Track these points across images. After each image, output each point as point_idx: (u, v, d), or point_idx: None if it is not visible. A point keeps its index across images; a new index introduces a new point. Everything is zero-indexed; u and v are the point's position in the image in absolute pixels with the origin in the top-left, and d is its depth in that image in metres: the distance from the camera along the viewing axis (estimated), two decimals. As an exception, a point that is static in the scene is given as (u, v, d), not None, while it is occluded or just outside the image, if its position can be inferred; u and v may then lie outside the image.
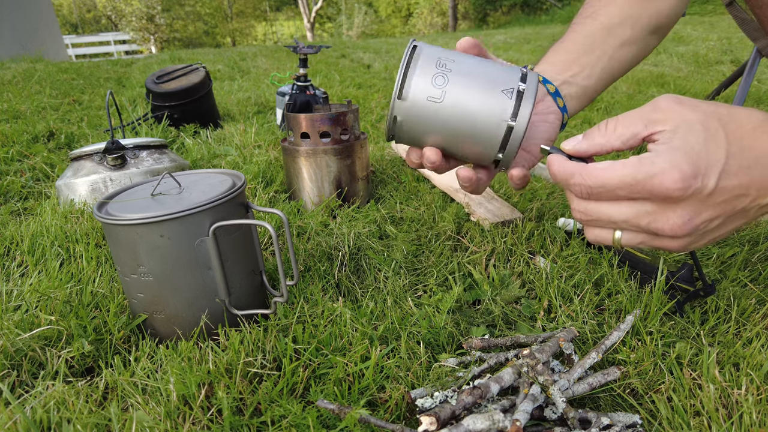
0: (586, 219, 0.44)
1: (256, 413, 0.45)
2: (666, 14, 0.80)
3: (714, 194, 0.40)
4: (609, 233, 0.45)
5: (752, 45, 1.51)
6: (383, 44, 5.27)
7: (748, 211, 0.43)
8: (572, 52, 0.75)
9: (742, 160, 0.41)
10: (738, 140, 0.41)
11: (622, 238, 0.44)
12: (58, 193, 0.95)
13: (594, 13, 0.78)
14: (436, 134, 0.51)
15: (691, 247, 0.44)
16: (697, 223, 0.41)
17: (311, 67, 3.15)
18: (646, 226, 0.42)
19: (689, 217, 0.41)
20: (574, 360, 0.49)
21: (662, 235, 0.42)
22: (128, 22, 21.09)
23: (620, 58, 0.78)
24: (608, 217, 0.43)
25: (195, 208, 0.49)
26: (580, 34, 0.77)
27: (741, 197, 0.41)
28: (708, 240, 0.43)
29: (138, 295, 0.52)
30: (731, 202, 0.41)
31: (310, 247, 0.75)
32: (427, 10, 22.41)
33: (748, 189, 0.41)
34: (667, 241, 0.43)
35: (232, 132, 1.49)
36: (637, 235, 0.44)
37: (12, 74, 2.78)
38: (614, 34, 0.77)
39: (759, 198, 0.42)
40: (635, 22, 0.78)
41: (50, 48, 6.73)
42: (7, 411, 0.42)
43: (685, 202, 0.40)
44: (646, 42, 0.81)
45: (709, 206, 0.41)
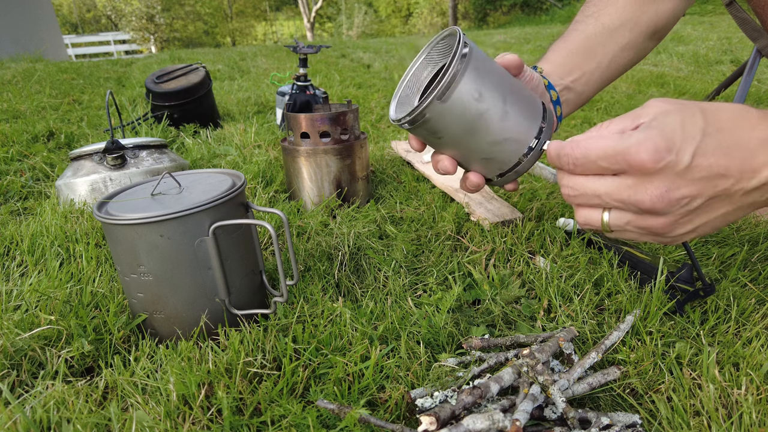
0: (573, 194, 0.46)
1: (256, 413, 0.45)
2: (665, 17, 0.81)
3: (690, 169, 0.41)
4: (597, 213, 0.46)
5: (752, 45, 1.51)
6: (383, 44, 5.27)
7: (732, 196, 0.43)
8: (574, 55, 0.75)
9: (720, 141, 0.41)
10: (716, 122, 0.42)
11: (610, 218, 0.45)
12: (57, 192, 0.95)
13: (596, 12, 0.79)
14: (458, 143, 0.50)
15: (679, 232, 0.45)
16: (676, 197, 0.41)
17: (311, 67, 3.15)
18: (628, 198, 0.43)
19: (666, 189, 0.41)
20: (574, 360, 0.49)
21: (645, 211, 0.43)
22: (128, 22, 21.08)
23: (618, 63, 0.79)
24: (593, 190, 0.45)
25: (195, 207, 0.49)
26: (582, 34, 0.77)
27: (721, 177, 0.42)
28: (695, 225, 0.44)
29: (138, 294, 0.52)
30: (711, 181, 0.42)
31: (310, 247, 0.75)
32: (427, 9, 22.41)
33: (728, 169, 0.41)
34: (652, 220, 0.44)
35: (231, 132, 1.49)
36: (622, 213, 0.45)
37: (12, 74, 2.78)
38: (614, 38, 0.78)
39: (742, 181, 0.42)
40: (634, 26, 0.78)
41: (50, 48, 6.73)
42: (6, 411, 0.42)
43: (661, 173, 0.41)
44: (644, 46, 0.82)
45: (686, 181, 0.41)
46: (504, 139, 0.49)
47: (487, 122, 0.48)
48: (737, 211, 0.45)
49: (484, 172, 0.54)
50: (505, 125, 0.48)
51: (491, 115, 0.47)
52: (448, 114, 0.47)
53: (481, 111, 0.47)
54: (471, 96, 0.46)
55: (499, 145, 0.50)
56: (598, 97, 2.14)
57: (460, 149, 0.51)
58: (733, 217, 0.45)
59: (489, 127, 0.48)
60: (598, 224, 0.46)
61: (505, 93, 0.48)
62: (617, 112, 1.87)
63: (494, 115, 0.47)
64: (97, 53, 16.11)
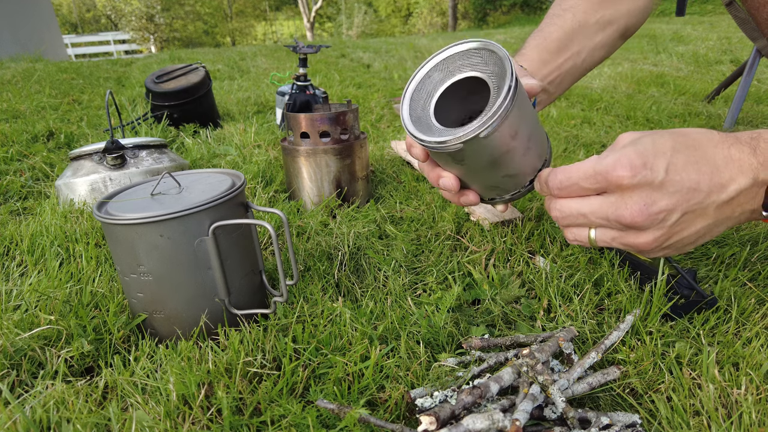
0: (561, 216, 0.49)
1: (255, 413, 0.45)
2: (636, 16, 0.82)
3: (665, 184, 0.43)
4: (584, 231, 0.49)
5: (752, 45, 1.51)
6: (383, 44, 5.27)
7: (707, 209, 0.45)
8: (552, 53, 0.76)
9: (689, 156, 0.44)
10: (683, 141, 0.45)
11: (596, 235, 0.48)
12: (57, 192, 0.95)
13: (574, 6, 0.78)
14: (473, 171, 0.50)
15: (660, 246, 0.47)
16: (654, 211, 0.44)
17: (311, 67, 3.15)
18: (611, 215, 0.45)
19: (644, 203, 0.44)
20: (574, 360, 0.49)
21: (627, 226, 0.45)
22: (128, 22, 21.08)
23: (589, 62, 0.80)
24: (578, 211, 0.48)
25: (194, 207, 0.49)
26: (560, 31, 0.77)
27: (693, 191, 0.44)
28: (675, 240, 0.47)
29: (137, 294, 0.52)
30: (685, 195, 0.44)
31: (310, 247, 0.75)
32: (426, 9, 22.41)
33: (699, 183, 0.44)
34: (634, 235, 0.46)
35: (231, 132, 1.49)
36: (607, 230, 0.48)
37: (11, 74, 2.78)
38: (589, 36, 0.78)
39: (712, 194, 0.44)
40: (608, 24, 0.79)
41: (50, 47, 6.73)
42: (6, 411, 0.42)
43: (639, 188, 0.44)
44: (616, 45, 0.83)
45: (662, 195, 0.44)
46: (517, 173, 0.50)
47: (512, 158, 0.48)
48: (714, 227, 0.47)
49: (483, 194, 0.55)
50: (524, 160, 0.49)
51: (516, 152, 0.48)
52: (480, 148, 0.45)
53: (510, 148, 0.46)
54: (509, 134, 0.45)
55: (511, 177, 0.51)
56: (598, 97, 2.14)
57: (472, 175, 0.51)
58: (711, 232, 0.47)
59: (510, 162, 0.48)
60: (586, 241, 0.49)
61: (531, 129, 0.48)
62: (617, 111, 1.87)
63: (519, 151, 0.48)
64: (97, 53, 16.11)
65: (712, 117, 1.72)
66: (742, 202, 0.45)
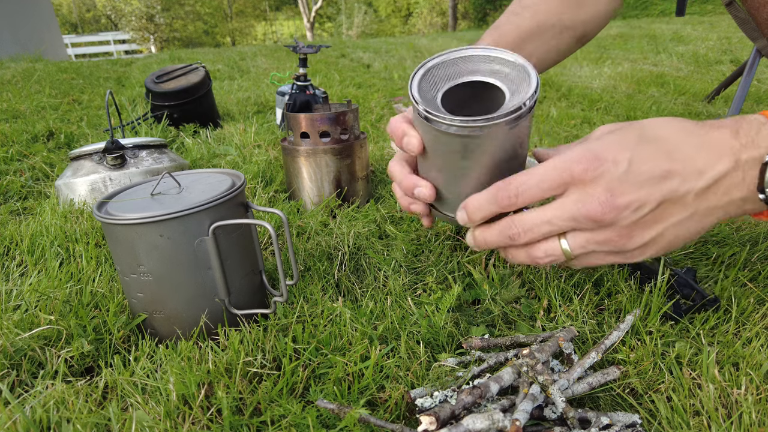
0: (522, 232, 0.45)
1: (255, 413, 0.45)
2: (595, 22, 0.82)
3: (630, 173, 0.41)
4: (554, 242, 0.45)
5: (752, 45, 1.51)
6: (383, 44, 5.27)
7: (684, 198, 0.42)
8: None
9: (658, 147, 0.42)
10: (653, 133, 0.43)
11: (569, 243, 0.44)
12: (57, 192, 0.95)
13: (534, 5, 0.77)
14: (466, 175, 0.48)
15: (637, 243, 0.43)
16: (622, 203, 0.41)
17: (311, 67, 3.15)
18: (578, 212, 0.42)
19: (609, 194, 0.41)
20: (574, 360, 0.49)
21: (596, 221, 0.42)
22: (128, 22, 21.08)
23: (540, 67, 0.79)
24: (541, 219, 0.44)
25: (194, 207, 0.49)
26: (517, 30, 0.75)
27: (664, 179, 0.41)
28: (652, 236, 0.43)
29: (137, 294, 0.52)
30: (655, 184, 0.41)
31: (310, 247, 0.75)
32: (426, 9, 22.40)
33: (670, 171, 0.41)
34: (607, 232, 0.43)
35: (231, 132, 1.49)
36: (578, 233, 0.44)
37: (11, 74, 2.78)
38: (544, 38, 0.78)
39: (688, 180, 0.41)
40: (565, 28, 0.79)
41: (50, 47, 6.73)
42: (6, 410, 0.42)
43: (601, 179, 0.41)
44: (570, 49, 0.83)
45: (629, 186, 0.41)
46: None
47: (510, 170, 0.46)
48: (696, 219, 0.43)
49: (442, 208, 0.53)
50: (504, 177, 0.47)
51: (513, 166, 0.47)
52: (494, 143, 0.44)
53: (514, 156, 0.46)
54: (519, 137, 0.45)
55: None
56: (598, 97, 2.14)
57: (459, 182, 0.49)
58: (692, 226, 0.44)
59: (500, 177, 0.46)
60: (559, 253, 0.45)
61: (526, 146, 0.48)
62: (617, 111, 1.87)
63: (514, 168, 0.47)
64: (97, 53, 16.11)
65: (712, 117, 1.72)
66: (727, 188, 0.42)
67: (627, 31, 5.38)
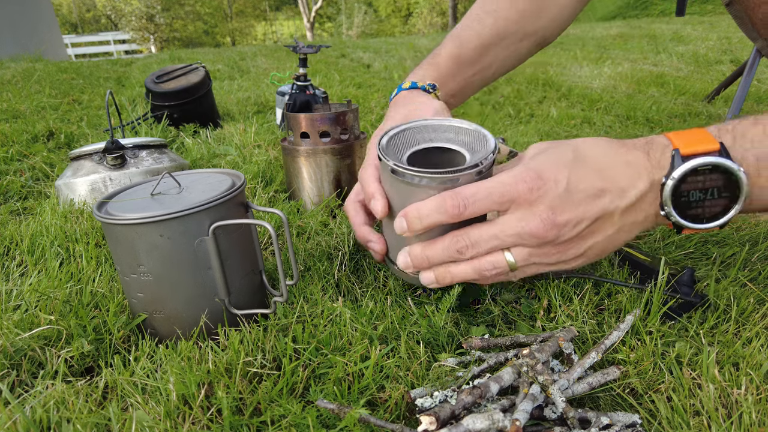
0: (470, 244, 0.48)
1: (255, 413, 0.45)
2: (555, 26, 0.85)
3: (569, 192, 0.45)
4: (500, 255, 0.48)
5: (752, 45, 1.51)
6: (383, 44, 5.27)
7: (613, 215, 0.46)
8: (464, 64, 0.77)
9: (590, 166, 0.46)
10: (584, 152, 0.47)
11: (513, 256, 0.48)
12: (57, 192, 0.95)
13: (496, 11, 0.77)
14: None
15: (572, 255, 0.48)
16: (563, 221, 0.45)
17: (311, 67, 3.15)
18: (522, 230, 0.45)
19: (551, 212, 0.44)
20: (574, 360, 0.49)
21: (539, 238, 0.45)
22: (128, 22, 21.09)
23: (498, 74, 0.82)
24: (488, 234, 0.47)
25: (195, 207, 0.49)
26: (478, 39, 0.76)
27: (597, 197, 0.45)
28: (585, 248, 0.48)
29: (137, 294, 0.52)
30: (591, 203, 0.45)
31: (310, 247, 0.75)
32: (426, 9, 22.41)
33: (603, 190, 0.45)
34: (547, 248, 0.47)
35: (231, 132, 1.49)
36: (522, 248, 0.47)
37: (11, 74, 2.78)
38: (504, 45, 0.80)
39: (615, 199, 0.45)
40: (525, 35, 0.81)
41: (50, 47, 6.73)
42: (6, 411, 0.42)
43: (544, 198, 0.45)
44: (529, 54, 0.86)
45: (569, 205, 0.45)
46: None
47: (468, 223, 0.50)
48: (621, 233, 0.48)
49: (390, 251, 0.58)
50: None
51: (473, 220, 0.51)
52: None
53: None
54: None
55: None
56: (598, 96, 2.14)
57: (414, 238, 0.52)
58: (619, 238, 0.48)
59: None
60: (504, 265, 0.48)
61: None
62: (617, 111, 1.87)
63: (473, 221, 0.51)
64: (97, 53, 16.12)
65: (712, 117, 1.72)
66: (644, 206, 0.46)
67: (627, 31, 5.38)
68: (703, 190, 0.44)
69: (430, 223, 0.47)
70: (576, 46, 4.33)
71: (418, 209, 0.48)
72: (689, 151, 0.44)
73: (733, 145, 0.44)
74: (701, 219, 0.46)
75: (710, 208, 0.45)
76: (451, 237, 0.49)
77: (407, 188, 0.50)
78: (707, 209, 0.46)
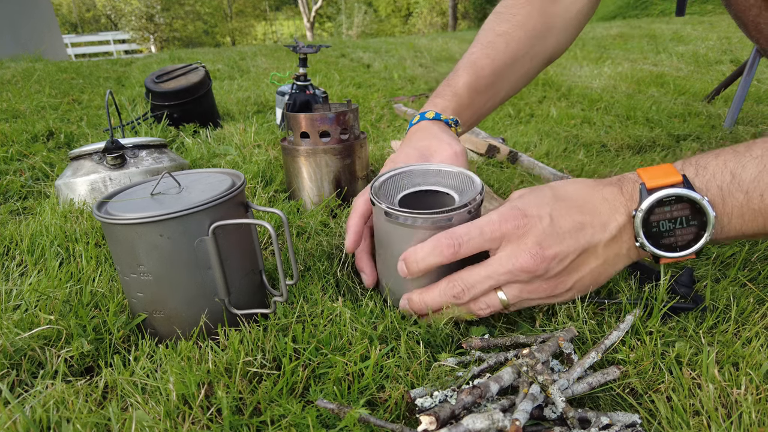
0: (467, 287, 0.50)
1: (255, 413, 0.45)
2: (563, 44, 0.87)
3: (553, 227, 0.47)
4: (494, 295, 0.50)
5: (752, 45, 1.51)
6: (383, 44, 5.27)
7: (596, 248, 0.48)
8: (479, 92, 0.78)
9: (570, 203, 0.49)
10: (563, 192, 0.50)
11: (506, 295, 0.50)
12: (57, 192, 0.95)
13: (507, 33, 0.79)
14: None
15: (562, 289, 0.50)
16: (550, 255, 0.47)
17: (311, 67, 3.15)
18: (513, 267, 0.47)
19: (539, 247, 0.47)
20: (574, 359, 0.49)
21: (529, 273, 0.47)
22: (128, 22, 21.09)
23: (507, 98, 0.85)
24: (481, 275, 0.49)
25: (194, 207, 0.49)
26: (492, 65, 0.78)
27: (581, 231, 0.48)
28: (574, 281, 0.50)
29: (137, 294, 0.52)
30: (574, 236, 0.47)
31: (310, 247, 0.75)
32: (426, 9, 22.41)
33: (583, 224, 0.48)
34: (537, 283, 0.49)
35: (231, 131, 1.49)
36: (513, 285, 0.50)
37: (11, 73, 2.78)
38: (515, 68, 0.83)
39: (597, 233, 0.48)
40: (536, 55, 0.84)
41: (49, 47, 6.73)
42: (6, 410, 0.42)
43: (530, 233, 0.47)
44: (537, 72, 0.86)
45: (555, 240, 0.47)
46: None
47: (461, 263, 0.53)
48: (606, 265, 0.50)
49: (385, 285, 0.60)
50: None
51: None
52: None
53: None
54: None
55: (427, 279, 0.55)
56: (598, 96, 2.14)
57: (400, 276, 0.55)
58: (605, 272, 0.51)
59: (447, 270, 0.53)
60: (497, 304, 0.51)
61: None
62: (617, 111, 1.87)
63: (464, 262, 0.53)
64: (97, 53, 16.12)
65: (712, 117, 1.72)
66: (625, 238, 0.49)
67: (627, 31, 5.38)
68: (672, 219, 0.47)
69: (427, 265, 0.50)
70: (576, 46, 4.33)
71: (414, 253, 0.50)
72: (654, 185, 0.47)
73: (695, 176, 0.47)
74: (674, 248, 0.49)
75: (682, 237, 0.48)
76: (446, 282, 0.51)
77: (401, 230, 0.53)
78: (679, 238, 0.48)
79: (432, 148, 0.67)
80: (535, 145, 1.43)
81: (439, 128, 0.71)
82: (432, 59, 4.02)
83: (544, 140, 1.47)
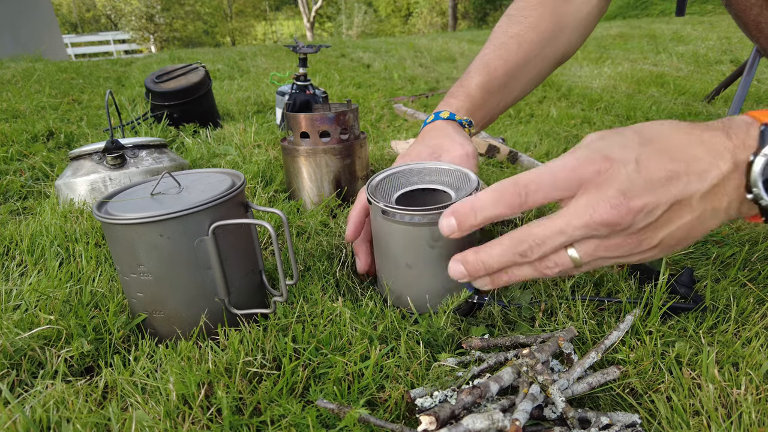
0: (537, 244, 0.42)
1: (255, 413, 0.45)
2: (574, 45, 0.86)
3: (640, 173, 0.39)
4: (564, 254, 0.43)
5: (752, 45, 1.51)
6: (383, 44, 5.27)
7: (691, 200, 0.40)
8: (492, 93, 0.77)
9: (659, 147, 0.41)
10: (650, 134, 0.42)
11: (579, 253, 0.42)
12: (57, 192, 0.95)
13: (519, 35, 0.79)
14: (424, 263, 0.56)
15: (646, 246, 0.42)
16: (637, 206, 0.39)
17: (311, 67, 3.15)
18: (591, 219, 0.40)
19: (623, 197, 0.39)
20: (574, 359, 0.49)
21: (612, 228, 0.40)
22: (128, 22, 21.08)
23: (519, 98, 0.83)
24: (553, 230, 0.42)
25: (194, 207, 0.49)
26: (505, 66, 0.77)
27: (672, 180, 0.40)
28: (661, 238, 0.42)
29: (137, 294, 0.52)
30: (665, 186, 0.40)
31: (310, 247, 0.75)
32: (426, 9, 22.40)
33: (676, 172, 0.40)
34: (619, 238, 0.41)
35: (231, 131, 1.49)
36: (589, 241, 0.42)
37: (11, 73, 2.78)
38: (527, 70, 0.81)
39: (692, 182, 0.40)
40: (546, 57, 0.83)
41: (49, 47, 6.73)
42: (6, 410, 0.42)
43: (613, 180, 0.39)
44: (548, 74, 0.86)
45: (641, 189, 0.39)
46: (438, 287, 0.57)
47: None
48: (701, 221, 0.42)
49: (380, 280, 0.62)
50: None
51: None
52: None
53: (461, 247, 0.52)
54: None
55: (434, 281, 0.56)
56: (598, 96, 2.14)
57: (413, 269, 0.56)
58: (699, 228, 0.42)
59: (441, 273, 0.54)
60: (570, 264, 0.43)
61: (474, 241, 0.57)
62: (617, 111, 1.87)
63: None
64: (97, 53, 16.12)
65: (712, 117, 1.72)
66: (728, 190, 0.41)
67: (627, 31, 5.38)
68: None
69: (486, 218, 0.43)
70: (576, 46, 4.32)
71: (471, 203, 0.43)
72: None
73: None
74: None
75: None
76: (509, 239, 0.43)
77: (398, 227, 0.53)
78: None
79: (444, 147, 0.67)
80: (535, 145, 1.43)
81: (452, 128, 0.71)
82: (432, 59, 4.02)
83: (544, 140, 1.47)
